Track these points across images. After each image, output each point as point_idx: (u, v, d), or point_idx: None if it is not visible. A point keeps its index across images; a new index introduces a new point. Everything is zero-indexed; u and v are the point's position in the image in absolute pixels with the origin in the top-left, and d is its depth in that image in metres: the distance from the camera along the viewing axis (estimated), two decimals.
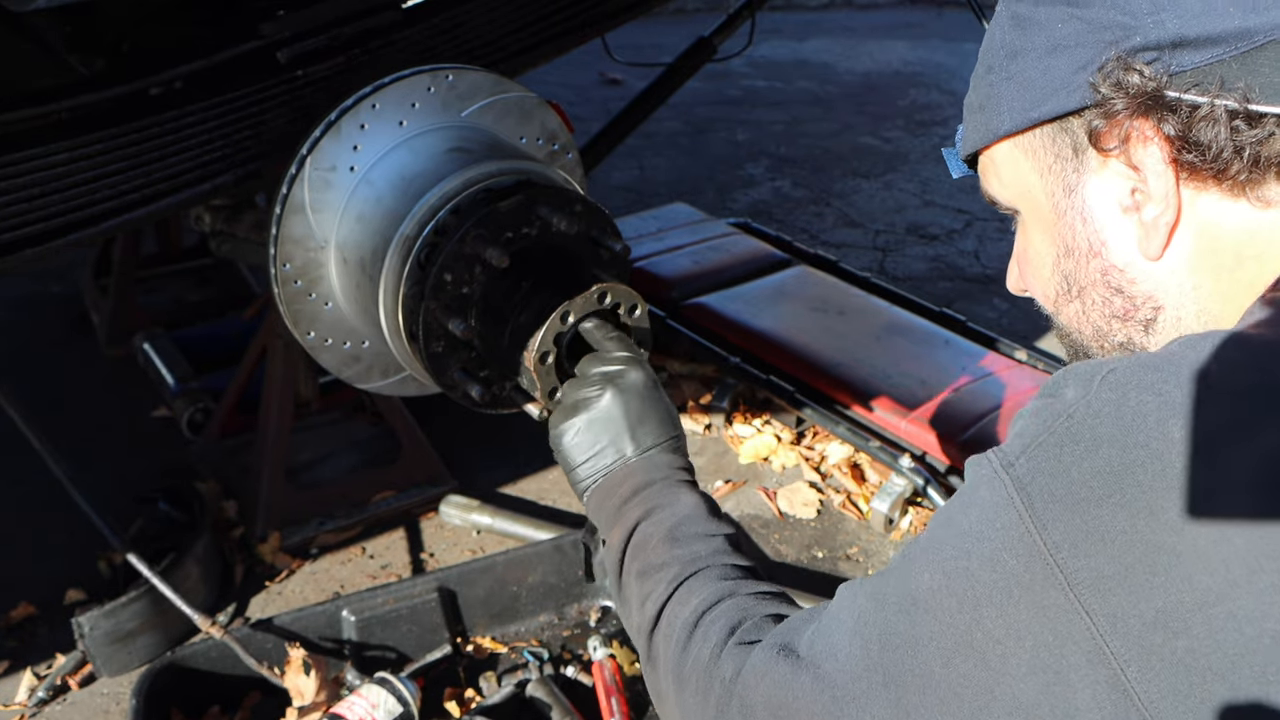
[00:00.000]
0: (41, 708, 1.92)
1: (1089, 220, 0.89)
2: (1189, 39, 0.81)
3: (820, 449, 2.63)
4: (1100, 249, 0.89)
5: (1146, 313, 0.89)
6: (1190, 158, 0.82)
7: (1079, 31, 0.85)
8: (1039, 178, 0.91)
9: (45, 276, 3.38)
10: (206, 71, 1.75)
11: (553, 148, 1.88)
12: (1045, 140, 0.90)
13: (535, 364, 1.53)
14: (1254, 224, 0.84)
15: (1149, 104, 0.82)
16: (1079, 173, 0.88)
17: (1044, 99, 0.87)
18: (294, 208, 1.71)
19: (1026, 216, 0.95)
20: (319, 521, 2.34)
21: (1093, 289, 0.91)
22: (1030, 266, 0.98)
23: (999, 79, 0.91)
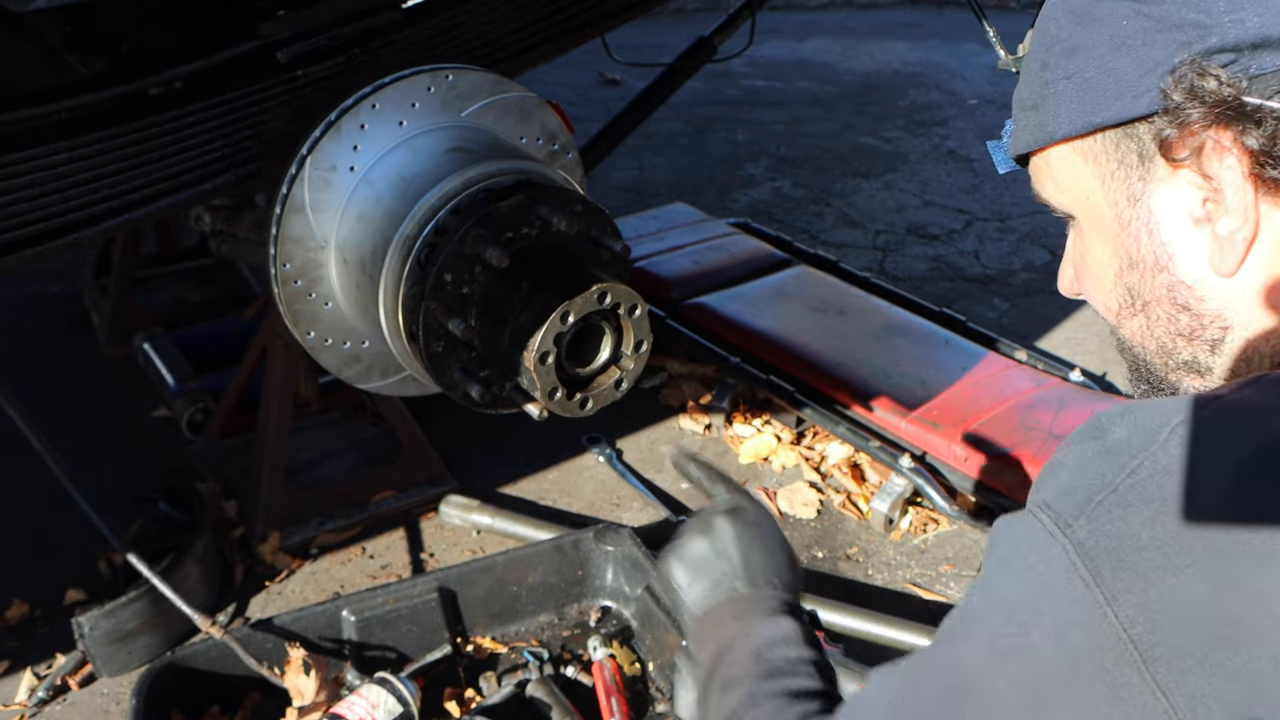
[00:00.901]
0: (41, 708, 1.92)
1: (1156, 232, 0.83)
2: (1271, 39, 0.75)
3: (820, 449, 2.63)
4: (1167, 263, 0.83)
5: (1214, 332, 0.83)
6: (1276, 173, 0.75)
7: (1147, 30, 0.78)
8: (1100, 185, 0.85)
9: (45, 276, 3.38)
10: (206, 71, 1.75)
11: (553, 148, 1.88)
12: (1108, 146, 0.83)
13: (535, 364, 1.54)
14: None
15: (1228, 113, 0.75)
16: (1145, 181, 0.82)
17: (1107, 103, 0.81)
18: (294, 208, 1.71)
19: (1085, 224, 0.89)
20: (319, 521, 2.34)
21: (1158, 304, 0.85)
22: (1090, 276, 0.91)
23: (1056, 77, 0.84)
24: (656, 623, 1.96)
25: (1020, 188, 4.25)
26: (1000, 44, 1.90)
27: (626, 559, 2.09)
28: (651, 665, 1.97)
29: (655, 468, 2.60)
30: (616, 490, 2.52)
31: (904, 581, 2.23)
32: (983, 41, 1.89)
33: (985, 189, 4.30)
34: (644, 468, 2.59)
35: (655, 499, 2.46)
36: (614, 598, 2.11)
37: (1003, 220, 4.01)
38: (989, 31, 2.00)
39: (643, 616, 2.02)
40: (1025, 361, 2.77)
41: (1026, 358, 2.78)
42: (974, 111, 5.24)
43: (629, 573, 2.08)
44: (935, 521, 2.39)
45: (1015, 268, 3.61)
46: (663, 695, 1.93)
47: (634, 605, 2.05)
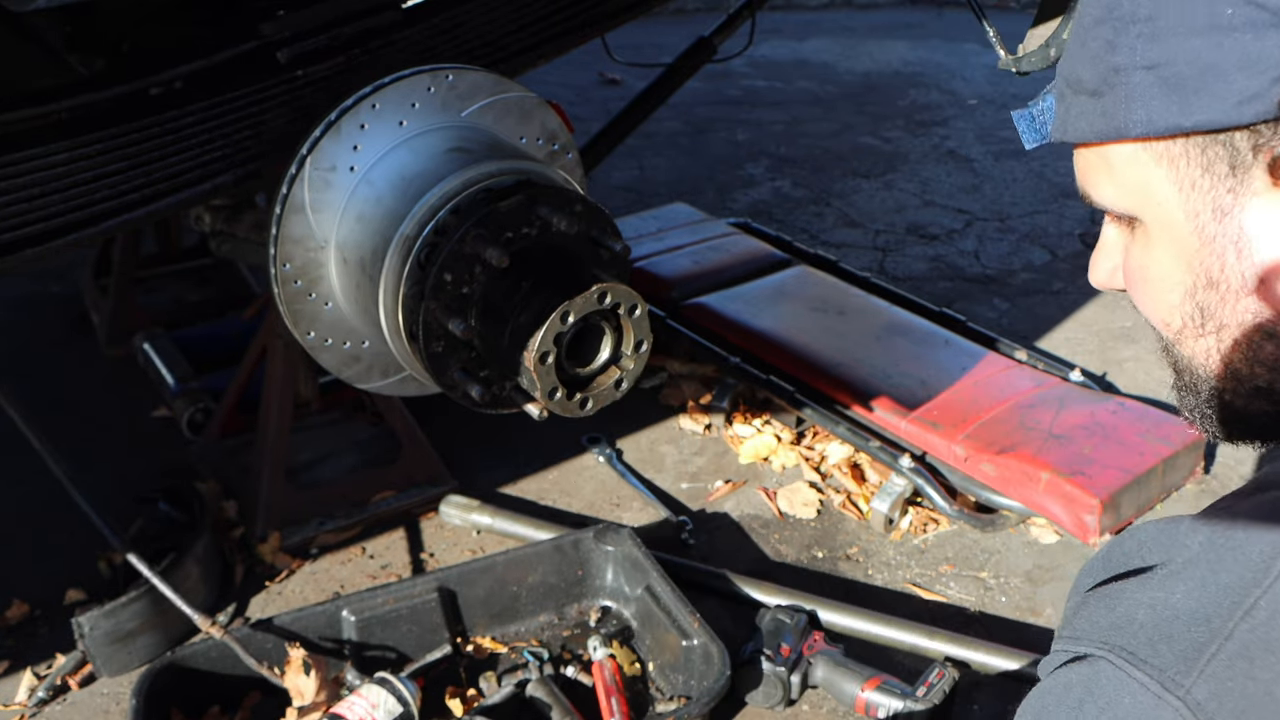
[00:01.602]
0: (41, 708, 1.92)
1: (1246, 253, 0.74)
2: None
3: (820, 449, 2.63)
4: (1258, 288, 0.74)
5: None
6: None
7: (1259, 22, 0.67)
8: (1178, 193, 0.75)
9: (45, 276, 3.38)
10: (206, 71, 1.75)
11: (553, 148, 1.88)
12: (1191, 151, 0.74)
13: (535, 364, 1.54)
14: None
15: None
16: (1235, 195, 0.73)
17: (1202, 106, 0.70)
18: (294, 208, 1.71)
19: (1152, 231, 0.79)
20: (319, 521, 2.34)
21: (1239, 329, 0.76)
22: (1150, 287, 0.82)
23: (1131, 64, 0.73)
24: (656, 623, 1.96)
25: (1020, 188, 4.25)
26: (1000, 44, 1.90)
27: (626, 559, 2.09)
28: (651, 665, 1.97)
29: (655, 468, 2.60)
30: (616, 490, 2.52)
31: (904, 581, 2.23)
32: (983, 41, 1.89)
33: (985, 189, 4.30)
34: (644, 468, 2.59)
35: (655, 499, 2.46)
36: (614, 598, 2.12)
37: (1003, 220, 4.01)
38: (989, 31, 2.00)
39: (643, 616, 2.02)
40: (1025, 361, 2.77)
41: (1026, 358, 2.78)
42: (974, 111, 5.24)
43: (629, 573, 2.08)
44: (935, 521, 2.39)
45: (1015, 268, 3.61)
46: (662, 695, 1.93)
47: (634, 605, 2.05)
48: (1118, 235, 0.86)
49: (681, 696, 1.88)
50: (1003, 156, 4.60)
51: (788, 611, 1.97)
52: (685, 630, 1.88)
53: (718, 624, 1.92)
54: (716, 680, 1.80)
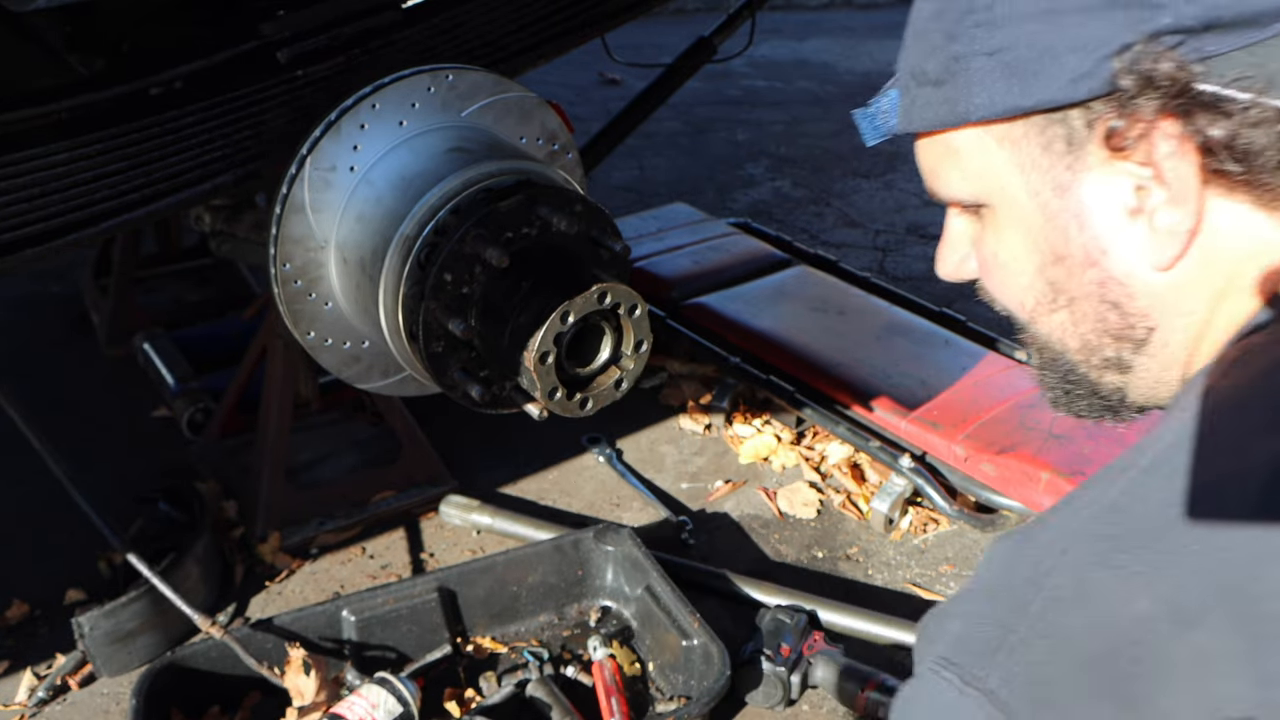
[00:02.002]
0: (41, 708, 1.92)
1: (1086, 225, 0.77)
2: (1223, 19, 0.68)
3: (820, 449, 2.63)
4: (1099, 257, 0.78)
5: (1140, 332, 0.80)
6: (1231, 166, 0.70)
7: (1086, 5, 0.71)
8: (1020, 173, 0.79)
9: (45, 276, 3.38)
10: (206, 71, 1.75)
11: (553, 148, 1.88)
12: (1030, 131, 0.77)
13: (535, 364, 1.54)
14: (1260, 244, 0.73)
15: (1185, 102, 0.69)
16: (1073, 170, 0.76)
17: (1040, 86, 0.74)
18: (294, 208, 1.71)
19: (1000, 215, 0.83)
20: (319, 521, 2.34)
21: (1085, 301, 0.80)
22: (1002, 271, 0.86)
23: (972, 51, 0.76)
24: (656, 623, 1.96)
25: None
26: None
27: (626, 559, 2.09)
28: (651, 665, 1.97)
29: (655, 468, 2.60)
30: (616, 490, 2.52)
31: (904, 581, 2.23)
32: None
33: None
34: (644, 468, 2.59)
35: (655, 499, 2.46)
36: (614, 598, 2.11)
37: None
38: None
39: (643, 616, 2.02)
40: (1025, 361, 2.77)
41: (1026, 358, 2.78)
42: None
43: (629, 573, 2.08)
44: (935, 521, 2.39)
45: None
46: (662, 695, 1.93)
47: (634, 605, 2.05)
48: (964, 226, 0.90)
49: (681, 696, 1.88)
50: None
51: (788, 611, 1.97)
52: (685, 630, 1.88)
53: (718, 624, 1.92)
54: (716, 680, 1.80)
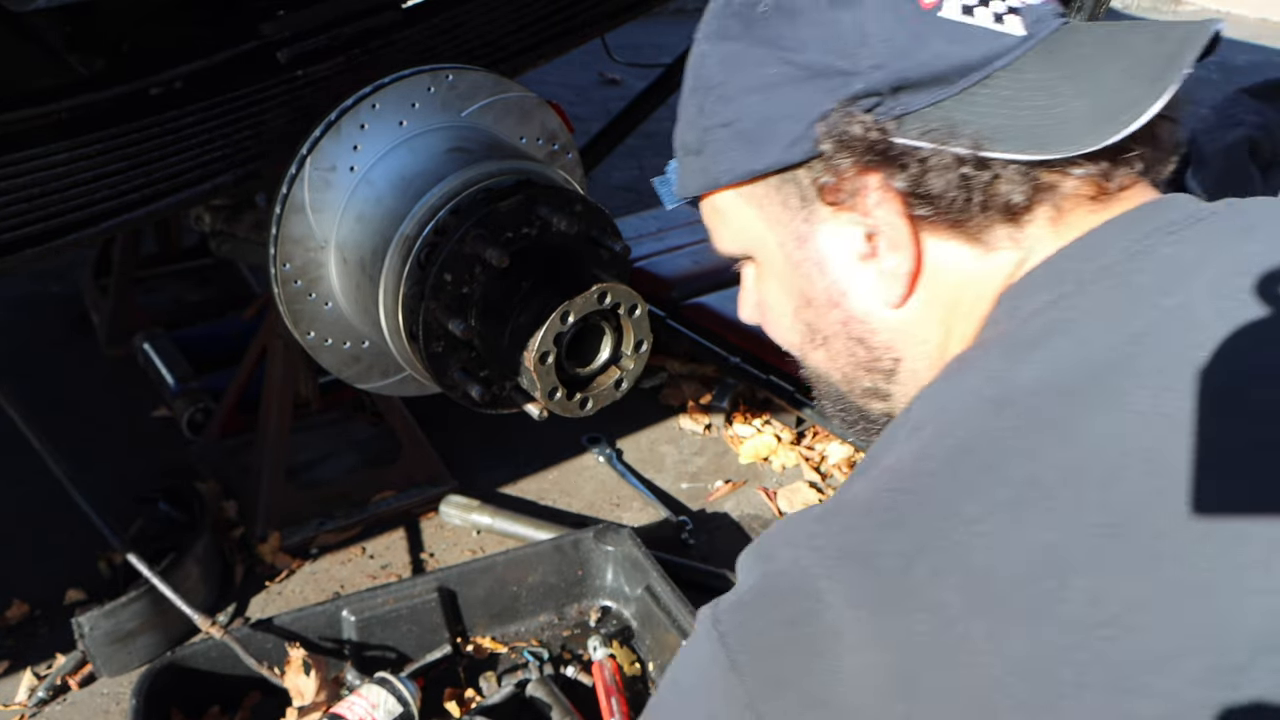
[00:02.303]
0: (41, 708, 1.92)
1: (825, 271, 0.86)
2: (910, 80, 0.77)
3: (820, 449, 2.63)
4: (840, 299, 0.87)
5: (887, 363, 0.88)
6: (923, 210, 0.79)
7: (794, 78, 0.80)
8: (768, 228, 0.88)
9: (45, 276, 3.38)
10: (206, 71, 1.75)
11: (553, 148, 1.88)
12: (770, 191, 0.86)
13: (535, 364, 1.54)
14: (972, 271, 0.81)
15: (876, 158, 0.78)
16: (809, 223, 0.85)
17: (764, 152, 0.83)
18: (294, 208, 1.71)
19: (761, 266, 0.92)
20: (319, 521, 2.34)
21: (836, 339, 0.89)
22: (771, 314, 0.96)
23: (713, 124, 0.86)
24: (656, 623, 1.96)
25: None
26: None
27: (626, 559, 2.09)
28: (651, 665, 1.97)
29: (655, 468, 2.60)
30: (616, 490, 2.52)
31: None
32: None
33: None
34: (644, 468, 2.59)
35: (655, 499, 2.46)
36: (614, 598, 2.11)
37: None
38: None
39: (643, 616, 2.02)
40: None
41: None
42: None
43: (629, 573, 2.08)
44: None
45: None
46: None
47: (634, 605, 2.05)
48: (750, 275, 0.99)
49: None
50: None
51: None
52: (685, 630, 1.88)
53: None
54: None
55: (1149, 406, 0.66)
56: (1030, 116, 0.76)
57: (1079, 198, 0.79)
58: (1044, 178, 0.78)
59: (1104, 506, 0.64)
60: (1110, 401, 0.67)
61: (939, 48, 0.77)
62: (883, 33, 0.78)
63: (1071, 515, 0.64)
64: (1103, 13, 2.11)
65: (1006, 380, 0.72)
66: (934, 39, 0.78)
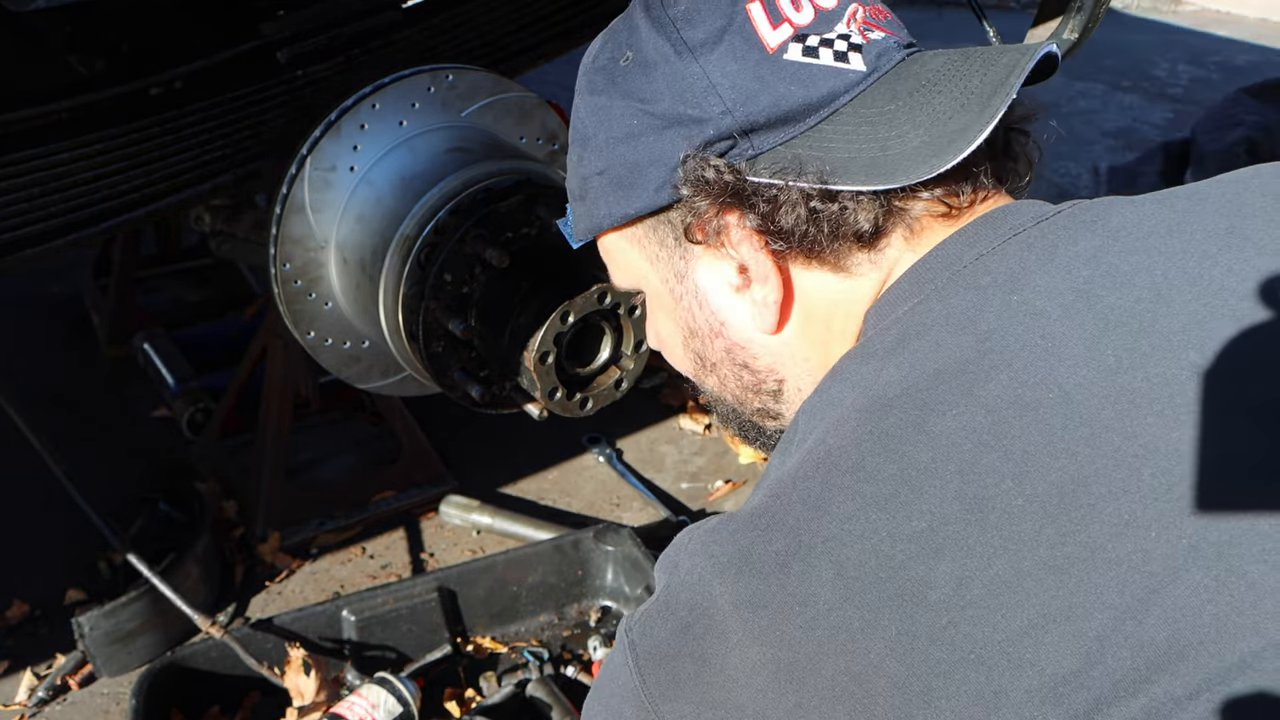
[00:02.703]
0: (41, 708, 1.92)
1: (705, 303, 0.91)
2: (758, 123, 0.82)
3: None
4: (720, 329, 0.91)
5: (772, 384, 0.93)
6: (778, 245, 0.83)
7: (652, 127, 0.85)
8: (650, 266, 0.92)
9: (45, 276, 3.38)
10: (206, 71, 1.76)
11: (553, 148, 1.88)
12: (647, 232, 0.90)
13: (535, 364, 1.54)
14: (839, 294, 0.86)
15: (731, 198, 0.83)
16: (686, 260, 0.89)
17: (634, 197, 0.88)
18: (294, 208, 1.71)
19: (651, 301, 0.97)
20: (319, 521, 2.34)
21: (722, 365, 0.94)
22: (665, 345, 1.00)
23: (590, 172, 0.91)
24: None
25: None
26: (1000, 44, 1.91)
27: (626, 559, 2.09)
28: None
29: (655, 468, 2.60)
30: (616, 490, 2.52)
31: None
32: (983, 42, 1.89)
33: None
34: (644, 468, 2.59)
35: (655, 499, 2.46)
36: (614, 598, 2.12)
37: None
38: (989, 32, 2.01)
39: None
40: None
41: None
42: None
43: (629, 573, 2.08)
44: None
45: None
46: None
47: (634, 605, 2.05)
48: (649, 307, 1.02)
49: None
50: None
51: None
52: None
53: None
54: None
55: (999, 398, 0.71)
56: (871, 150, 0.81)
57: (931, 216, 0.84)
58: (895, 203, 0.83)
59: (963, 496, 0.69)
60: (964, 397, 0.72)
61: (782, 90, 0.82)
62: (728, 80, 0.82)
63: (936, 506, 0.69)
64: (1103, 13, 2.11)
65: (871, 387, 0.77)
66: (777, 82, 0.82)
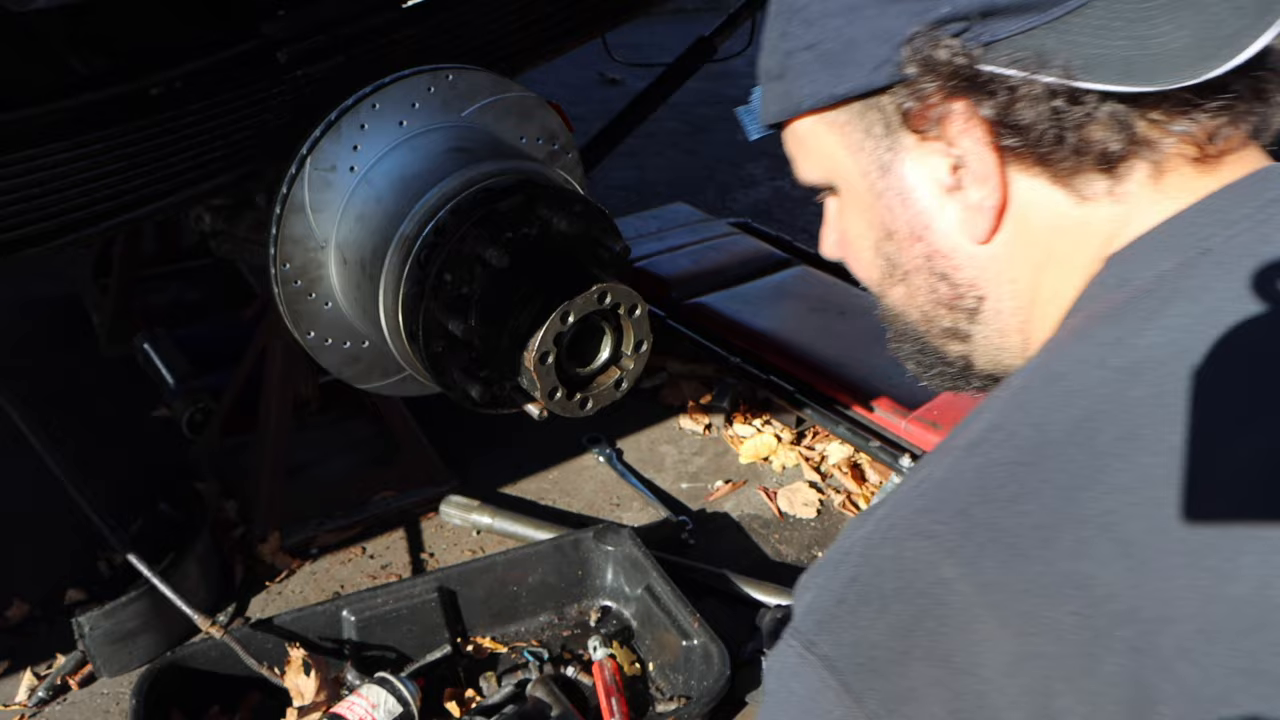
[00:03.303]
0: (41, 708, 1.92)
1: (909, 203, 0.82)
2: (999, 6, 0.73)
3: (820, 449, 2.63)
4: (923, 233, 0.82)
5: (970, 301, 0.84)
6: (1011, 141, 0.75)
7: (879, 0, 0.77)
8: (850, 156, 0.84)
9: (45, 276, 3.38)
10: (206, 71, 1.75)
11: (553, 148, 1.88)
12: (853, 117, 0.82)
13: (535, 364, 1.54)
14: (1067, 219, 0.77)
15: (963, 84, 0.74)
16: (893, 151, 0.81)
17: (847, 75, 0.79)
18: (294, 208, 1.71)
19: (844, 196, 0.88)
20: (319, 521, 2.34)
21: (917, 274, 0.85)
22: (851, 248, 0.91)
23: (796, 47, 0.82)
24: (656, 623, 1.96)
25: None
26: None
27: (626, 559, 2.09)
28: (651, 665, 1.97)
29: (655, 468, 2.60)
30: (616, 490, 2.52)
31: None
32: None
33: None
34: (644, 468, 2.59)
35: (655, 499, 2.46)
36: (614, 598, 2.11)
37: None
38: None
39: (643, 616, 2.02)
40: None
41: None
42: None
43: (629, 573, 2.08)
44: None
45: None
46: (662, 695, 1.93)
47: (634, 605, 2.05)
48: (832, 207, 0.93)
49: (681, 696, 1.88)
50: None
51: (788, 611, 1.97)
52: (685, 630, 1.88)
53: (718, 624, 1.92)
54: (716, 680, 1.80)
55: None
56: (1126, 47, 0.71)
57: (1180, 158, 0.75)
58: (1141, 131, 0.74)
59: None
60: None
61: None
62: None
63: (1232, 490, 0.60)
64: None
65: (1132, 348, 0.68)
66: None
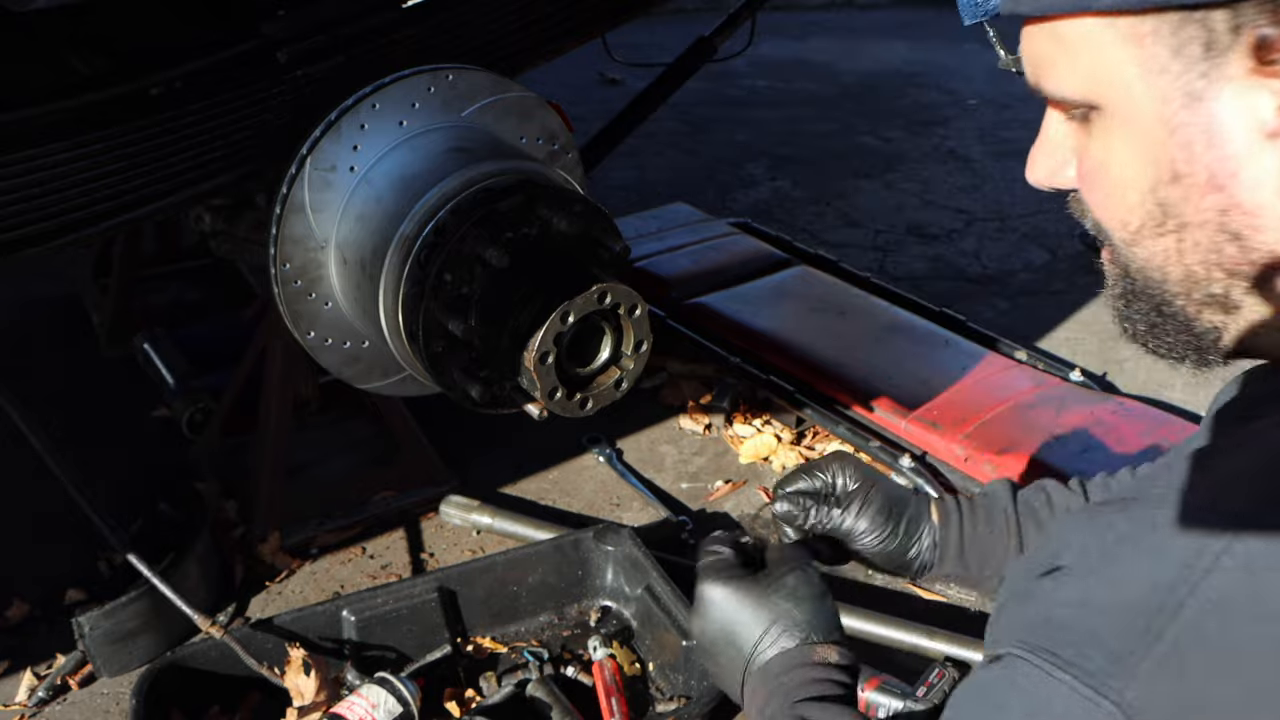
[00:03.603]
0: (41, 708, 1.92)
1: (1216, 143, 0.67)
2: None
3: (820, 449, 2.63)
4: (1226, 181, 0.68)
5: (1258, 269, 0.70)
6: None
7: None
8: (1144, 77, 0.68)
9: (45, 276, 3.38)
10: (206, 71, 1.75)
11: (553, 148, 1.88)
12: (1163, 28, 0.66)
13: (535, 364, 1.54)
14: None
15: None
16: (1209, 79, 0.66)
17: None
18: (294, 208, 1.71)
19: (1113, 122, 0.72)
20: (319, 521, 2.34)
21: (1200, 228, 0.70)
22: (1107, 185, 0.75)
23: None
24: (656, 623, 1.96)
25: (1020, 187, 4.25)
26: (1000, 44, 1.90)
27: (626, 559, 2.09)
28: (651, 665, 1.97)
29: (655, 468, 2.60)
30: (616, 490, 2.52)
31: (904, 581, 2.23)
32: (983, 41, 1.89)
33: (985, 189, 4.30)
34: (644, 468, 2.59)
35: (655, 499, 2.46)
36: (614, 598, 2.11)
37: (1002, 220, 4.01)
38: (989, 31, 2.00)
39: (643, 616, 2.02)
40: (1025, 361, 2.77)
41: (1026, 358, 2.78)
42: (974, 111, 5.24)
43: (629, 573, 2.08)
44: None
45: (1015, 268, 3.61)
46: (662, 695, 1.93)
47: (634, 605, 2.05)
48: (1066, 131, 0.80)
49: (681, 696, 1.88)
50: (1003, 156, 4.60)
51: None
52: (685, 630, 1.88)
53: None
54: None
55: None
56: None
57: None
58: None
59: None
60: None
61: None
62: None
63: None
64: None
65: None
66: None
